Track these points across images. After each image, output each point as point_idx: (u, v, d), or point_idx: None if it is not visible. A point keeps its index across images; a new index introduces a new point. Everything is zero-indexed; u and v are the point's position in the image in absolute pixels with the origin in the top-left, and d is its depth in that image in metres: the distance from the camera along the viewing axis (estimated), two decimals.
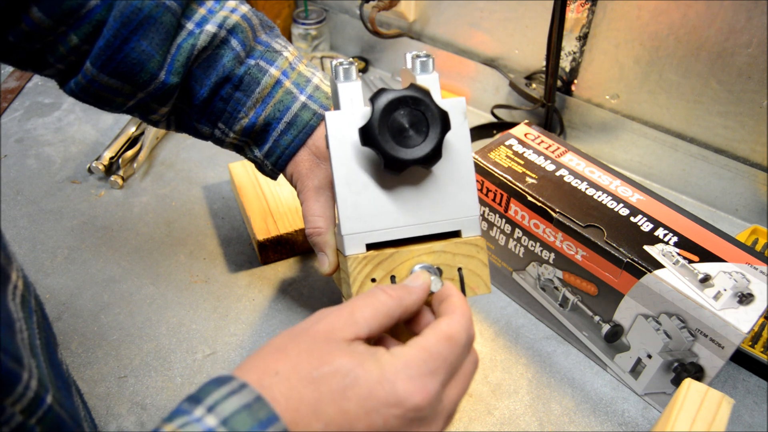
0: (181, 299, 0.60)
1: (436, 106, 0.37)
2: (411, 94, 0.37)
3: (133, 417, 0.50)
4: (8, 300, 0.31)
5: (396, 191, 0.40)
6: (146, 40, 0.42)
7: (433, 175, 0.40)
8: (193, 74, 0.46)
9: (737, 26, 0.62)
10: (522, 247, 0.56)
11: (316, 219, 0.45)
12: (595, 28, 0.72)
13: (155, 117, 0.49)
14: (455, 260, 0.40)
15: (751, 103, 0.65)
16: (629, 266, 0.47)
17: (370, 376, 0.29)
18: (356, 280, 0.39)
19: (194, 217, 0.70)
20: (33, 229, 0.68)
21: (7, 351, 0.28)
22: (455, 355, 0.31)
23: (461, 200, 0.41)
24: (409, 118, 0.37)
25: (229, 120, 0.48)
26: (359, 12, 0.87)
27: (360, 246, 0.39)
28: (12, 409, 0.28)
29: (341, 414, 0.28)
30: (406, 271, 0.39)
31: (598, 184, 0.54)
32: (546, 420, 0.51)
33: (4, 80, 0.93)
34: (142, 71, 0.43)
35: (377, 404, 0.28)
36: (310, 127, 0.47)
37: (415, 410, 0.29)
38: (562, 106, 0.79)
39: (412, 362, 0.30)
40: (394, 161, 0.37)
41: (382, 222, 0.40)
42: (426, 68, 0.41)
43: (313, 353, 0.29)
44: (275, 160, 0.48)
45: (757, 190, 0.68)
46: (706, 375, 0.46)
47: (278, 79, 0.47)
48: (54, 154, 0.79)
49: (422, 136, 0.37)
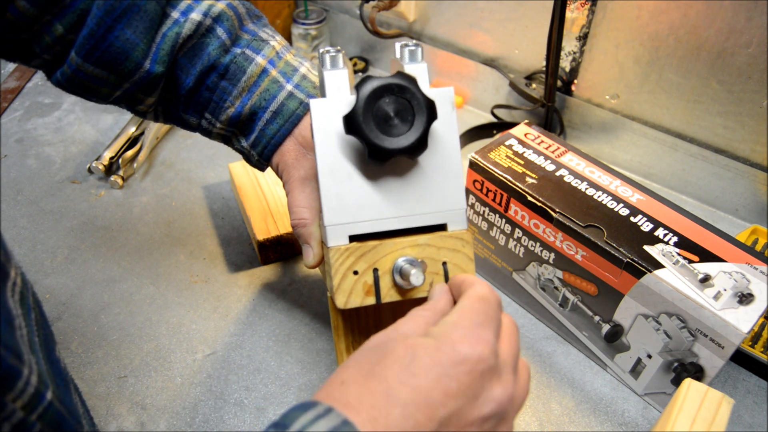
0: (181, 299, 0.60)
1: (423, 95, 0.36)
2: (397, 81, 0.36)
3: (133, 417, 0.50)
4: (7, 297, 0.31)
5: (381, 182, 0.39)
6: (130, 28, 0.42)
7: (420, 167, 0.39)
8: (178, 63, 0.46)
9: (737, 26, 0.61)
10: (522, 247, 0.56)
11: (301, 210, 0.45)
12: (595, 28, 0.72)
13: (142, 108, 0.49)
14: (440, 254, 0.39)
15: (751, 103, 0.65)
16: (629, 266, 0.47)
17: (428, 347, 0.29)
18: (338, 271, 0.38)
19: (194, 217, 0.70)
20: (33, 229, 0.68)
21: (7, 347, 0.28)
22: (493, 310, 0.33)
23: (448, 193, 0.40)
24: (394, 106, 0.36)
25: (215, 110, 0.47)
26: (359, 12, 0.87)
27: (343, 237, 0.39)
28: (13, 405, 0.28)
29: (414, 392, 0.28)
30: (390, 263, 0.39)
31: (598, 184, 0.54)
32: (546, 420, 0.51)
33: (4, 80, 0.93)
34: (127, 60, 0.43)
35: (445, 368, 0.29)
36: (297, 116, 0.47)
37: (481, 361, 0.29)
38: (562, 106, 0.79)
39: (459, 322, 0.31)
40: (378, 150, 0.36)
41: (366, 213, 0.39)
42: (414, 57, 0.41)
43: (370, 356, 0.31)
44: (261, 150, 0.48)
45: (757, 190, 0.68)
46: (706, 375, 0.46)
47: (264, 67, 0.47)
48: (54, 154, 0.79)
49: (408, 125, 0.36)
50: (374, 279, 0.39)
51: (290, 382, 0.53)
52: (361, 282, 0.39)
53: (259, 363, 0.54)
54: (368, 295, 0.39)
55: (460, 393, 0.29)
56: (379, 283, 0.39)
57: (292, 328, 0.58)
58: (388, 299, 0.39)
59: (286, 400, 0.52)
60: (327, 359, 0.55)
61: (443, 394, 0.28)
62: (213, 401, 0.51)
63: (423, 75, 0.40)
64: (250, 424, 0.50)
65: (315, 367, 0.54)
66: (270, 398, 0.52)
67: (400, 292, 0.39)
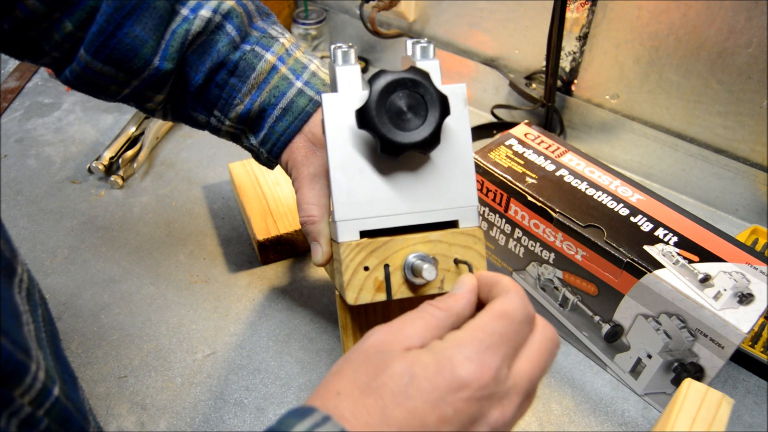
0: (181, 299, 0.60)
1: (436, 90, 0.36)
2: (410, 76, 0.36)
3: (133, 417, 0.50)
4: (15, 293, 0.31)
5: (393, 178, 0.39)
6: (139, 25, 0.42)
7: (432, 163, 0.39)
8: (187, 60, 0.46)
9: (737, 26, 0.61)
10: (522, 247, 0.56)
11: (311, 207, 0.45)
12: (595, 28, 0.72)
13: (151, 105, 0.48)
14: (451, 251, 0.39)
15: (751, 103, 0.64)
16: (629, 266, 0.47)
17: (427, 368, 0.28)
18: (348, 267, 0.38)
19: (194, 217, 0.70)
20: (33, 229, 0.68)
21: (15, 342, 0.28)
22: (513, 330, 0.30)
23: (460, 189, 0.39)
24: (407, 100, 0.36)
25: (224, 107, 0.47)
26: (359, 12, 0.87)
27: (354, 233, 0.38)
28: (21, 400, 0.28)
29: (410, 414, 0.27)
30: (401, 260, 0.38)
31: (598, 184, 0.54)
32: (546, 420, 0.51)
33: (4, 80, 0.93)
34: (136, 57, 0.43)
35: (442, 394, 0.28)
36: (306, 113, 0.46)
37: (481, 388, 0.28)
38: (562, 106, 0.79)
39: (466, 342, 0.29)
40: (390, 144, 0.36)
41: (377, 209, 0.38)
42: (426, 54, 0.40)
43: (368, 367, 0.29)
44: (270, 148, 0.48)
45: (757, 190, 0.68)
46: (706, 375, 0.46)
47: (274, 64, 0.46)
48: (54, 154, 0.79)
49: (421, 120, 0.36)
50: (385, 275, 0.38)
51: (290, 382, 0.53)
52: (372, 278, 0.38)
53: (259, 363, 0.54)
54: (379, 292, 0.38)
55: (456, 419, 0.28)
56: (390, 278, 0.38)
57: (292, 328, 0.58)
58: (399, 296, 0.38)
59: (286, 400, 0.52)
60: (327, 359, 0.55)
61: (439, 419, 0.27)
62: (213, 401, 0.51)
63: (436, 71, 0.40)
64: (250, 424, 0.50)
65: (315, 367, 0.54)
66: (270, 398, 0.52)
67: (411, 289, 0.39)
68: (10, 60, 0.97)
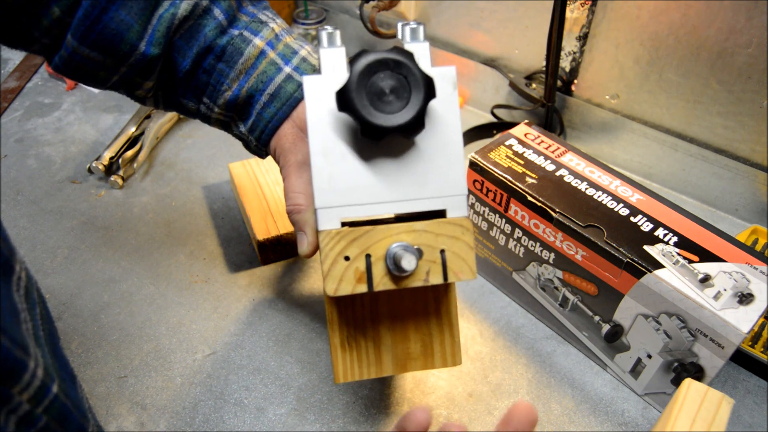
0: (181, 299, 0.60)
1: (420, 71, 0.34)
2: (393, 56, 0.34)
3: (133, 417, 0.50)
4: (13, 291, 0.31)
5: (377, 164, 0.37)
6: (125, 9, 0.42)
7: (418, 149, 0.37)
8: (175, 45, 0.45)
9: (737, 26, 0.61)
10: (522, 247, 0.56)
11: (297, 196, 0.44)
12: (595, 28, 0.72)
13: (141, 93, 0.48)
14: (438, 241, 0.37)
15: (751, 103, 0.65)
16: (629, 266, 0.47)
17: None
18: (328, 257, 0.36)
19: (194, 217, 0.70)
20: (33, 229, 0.68)
21: (13, 339, 0.28)
22: None
23: (448, 177, 0.38)
24: (390, 82, 0.34)
25: (213, 93, 0.46)
26: (359, 12, 0.87)
27: (335, 221, 0.37)
28: (19, 398, 0.28)
29: None
30: (383, 249, 0.36)
31: (598, 184, 0.54)
32: (546, 420, 0.51)
33: (4, 80, 0.93)
34: (122, 42, 0.42)
35: None
36: (295, 99, 0.45)
37: None
38: (562, 106, 0.79)
39: None
40: (370, 128, 0.34)
41: (360, 196, 0.37)
42: (416, 36, 0.39)
43: None
44: (259, 135, 0.47)
45: (757, 190, 0.68)
46: (706, 375, 0.46)
47: (262, 49, 0.46)
48: (54, 154, 0.79)
49: (403, 103, 0.34)
50: (366, 265, 0.36)
51: (290, 382, 0.53)
52: (353, 268, 0.36)
53: (259, 363, 0.54)
54: (360, 283, 0.37)
55: None
56: (371, 269, 0.36)
57: (292, 328, 0.58)
58: (381, 287, 0.37)
59: (286, 400, 0.52)
60: (327, 359, 0.55)
61: None
62: (213, 401, 0.51)
63: (424, 53, 0.38)
64: (250, 424, 0.50)
65: (315, 367, 0.54)
66: (270, 398, 0.52)
67: (393, 281, 0.37)
68: (11, 60, 0.97)
